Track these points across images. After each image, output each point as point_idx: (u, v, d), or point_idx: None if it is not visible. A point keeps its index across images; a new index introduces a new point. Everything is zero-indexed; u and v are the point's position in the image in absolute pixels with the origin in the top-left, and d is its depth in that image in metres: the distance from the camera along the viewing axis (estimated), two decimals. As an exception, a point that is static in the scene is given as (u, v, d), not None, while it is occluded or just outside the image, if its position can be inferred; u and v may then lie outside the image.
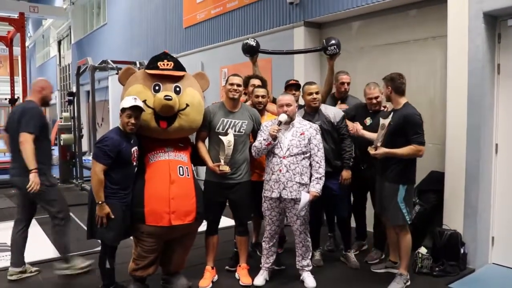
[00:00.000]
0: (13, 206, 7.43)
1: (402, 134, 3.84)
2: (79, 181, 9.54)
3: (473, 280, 4.23)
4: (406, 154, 3.83)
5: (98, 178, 3.49)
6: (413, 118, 3.83)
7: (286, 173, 3.89)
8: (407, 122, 3.82)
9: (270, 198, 3.98)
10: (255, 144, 3.97)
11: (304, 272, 4.15)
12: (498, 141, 4.55)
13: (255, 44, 5.03)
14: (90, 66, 9.11)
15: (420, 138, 3.81)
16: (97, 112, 9.73)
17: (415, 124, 3.82)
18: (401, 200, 3.91)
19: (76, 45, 18.86)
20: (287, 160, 3.90)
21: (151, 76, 3.77)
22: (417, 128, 3.82)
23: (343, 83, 4.80)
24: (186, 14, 9.52)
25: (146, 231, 3.65)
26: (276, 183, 3.91)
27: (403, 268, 4.05)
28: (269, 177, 3.97)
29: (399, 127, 3.84)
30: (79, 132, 9.67)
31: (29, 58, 25.16)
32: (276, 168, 3.91)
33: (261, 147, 3.91)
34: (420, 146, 3.80)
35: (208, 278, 4.11)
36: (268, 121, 4.12)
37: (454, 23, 4.50)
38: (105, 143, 3.52)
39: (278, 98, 4.04)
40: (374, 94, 4.45)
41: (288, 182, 3.89)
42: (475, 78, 4.35)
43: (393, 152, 3.85)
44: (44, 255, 4.92)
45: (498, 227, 4.57)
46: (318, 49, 5.00)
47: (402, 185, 3.91)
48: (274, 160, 3.94)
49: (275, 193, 3.93)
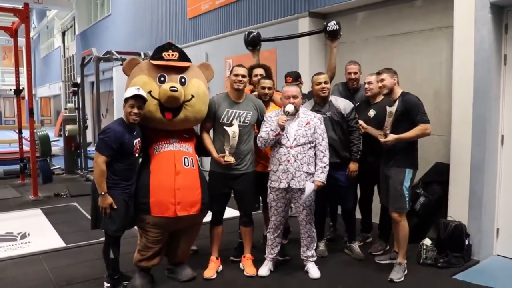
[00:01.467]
0: (18, 196, 7.51)
1: (406, 119, 3.91)
2: (83, 171, 9.58)
3: (477, 272, 4.23)
4: (415, 136, 3.93)
5: (100, 169, 3.49)
6: (414, 100, 3.95)
7: (294, 163, 3.89)
8: (409, 106, 3.91)
9: (277, 188, 3.98)
10: (261, 134, 3.96)
11: (308, 263, 4.16)
12: (504, 133, 4.53)
13: (256, 34, 5.00)
14: (95, 57, 9.10)
15: (424, 117, 3.91)
16: (102, 103, 9.76)
17: (416, 104, 3.93)
18: (406, 186, 3.97)
19: (80, 36, 18.86)
20: (294, 150, 3.90)
21: (156, 67, 3.76)
22: (419, 108, 3.92)
23: (349, 73, 4.77)
24: (191, 4, 9.49)
25: (151, 222, 3.67)
26: (284, 173, 3.91)
27: (402, 256, 4.07)
28: (276, 168, 3.96)
29: (403, 113, 3.91)
30: (83, 123, 9.69)
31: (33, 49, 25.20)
32: (284, 159, 3.91)
33: (268, 138, 3.90)
34: (426, 124, 3.90)
35: (212, 268, 4.13)
36: (271, 112, 4.12)
37: (460, 14, 4.45)
38: (107, 134, 3.52)
39: (283, 89, 4.02)
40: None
41: (296, 172, 3.89)
42: (481, 69, 4.32)
43: (403, 137, 3.91)
44: (50, 245, 4.95)
45: (503, 219, 4.56)
46: (319, 30, 4.97)
47: (408, 170, 3.98)
48: (281, 150, 3.93)
49: (283, 183, 3.92)
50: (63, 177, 9.66)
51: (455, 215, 4.49)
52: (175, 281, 3.98)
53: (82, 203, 6.78)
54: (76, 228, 5.60)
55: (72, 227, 5.66)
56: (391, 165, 4.04)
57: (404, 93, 4.01)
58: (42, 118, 31.03)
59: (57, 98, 27.75)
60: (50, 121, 30.54)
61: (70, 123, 10.03)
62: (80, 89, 9.82)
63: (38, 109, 31.40)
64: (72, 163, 10.13)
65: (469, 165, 4.41)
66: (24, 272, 4.25)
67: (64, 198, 7.48)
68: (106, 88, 12.38)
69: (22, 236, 5.31)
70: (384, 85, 4.05)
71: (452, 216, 4.51)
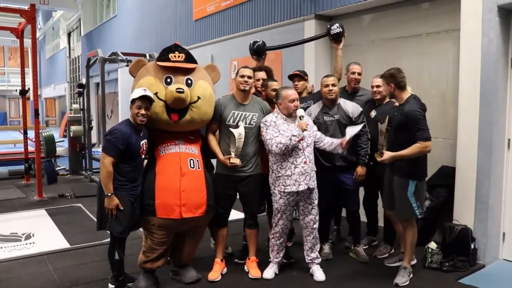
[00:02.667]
0: (23, 197, 7.53)
1: (406, 130, 3.77)
2: (88, 172, 9.59)
3: (483, 276, 4.20)
4: (413, 153, 3.72)
5: (107, 170, 3.49)
6: (413, 114, 3.71)
7: (310, 164, 3.93)
8: (408, 120, 3.73)
9: (295, 192, 3.93)
10: (281, 141, 3.81)
11: (313, 265, 4.15)
12: (510, 136, 4.50)
13: (261, 44, 5.00)
14: (100, 58, 9.12)
15: (424, 133, 3.70)
16: (107, 104, 9.76)
17: (415, 120, 3.69)
18: (411, 195, 3.87)
19: (86, 37, 18.90)
20: (307, 151, 3.93)
21: (162, 68, 3.76)
22: (419, 125, 3.69)
23: (353, 72, 4.72)
24: (196, 6, 9.49)
25: (156, 224, 3.67)
26: (302, 175, 3.89)
27: (407, 261, 4.05)
28: (291, 172, 3.90)
29: (402, 124, 3.78)
30: (88, 124, 9.70)
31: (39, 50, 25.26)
32: (299, 161, 3.89)
33: (291, 143, 3.81)
34: (426, 142, 3.70)
35: (217, 270, 4.12)
36: (269, 116, 4.04)
37: (467, 16, 4.44)
38: (114, 135, 3.52)
39: (286, 93, 3.95)
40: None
41: (312, 172, 3.95)
42: (488, 72, 4.30)
43: (400, 155, 3.77)
44: (54, 246, 4.96)
45: (509, 223, 4.54)
46: (323, 34, 4.96)
47: (411, 181, 3.86)
48: (294, 153, 3.90)
49: (303, 185, 3.90)
50: (67, 178, 9.68)
51: (461, 218, 4.47)
52: (179, 283, 3.97)
53: (87, 204, 6.79)
54: (81, 229, 5.60)
55: (77, 228, 5.67)
56: (393, 173, 3.98)
57: (408, 100, 3.84)
58: (47, 119, 31.17)
59: (62, 99, 27.82)
60: (55, 122, 30.65)
61: (75, 124, 10.05)
62: (85, 90, 9.84)
63: (43, 110, 31.50)
64: (76, 164, 10.16)
65: (475, 168, 4.39)
66: (29, 272, 4.25)
67: (69, 199, 7.50)
68: (111, 89, 12.43)
69: (27, 236, 5.32)
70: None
71: (457, 220, 4.49)
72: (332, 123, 4.29)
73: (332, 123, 4.30)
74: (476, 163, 4.38)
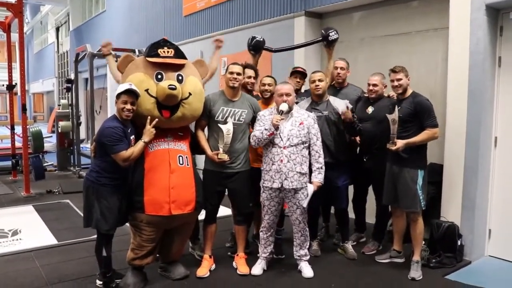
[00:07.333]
0: (10, 193, 7.46)
1: (414, 120, 3.97)
2: (76, 168, 9.53)
3: (469, 272, 4.25)
4: (424, 140, 4.00)
5: (133, 156, 3.51)
6: (426, 104, 4.00)
7: (287, 163, 3.87)
8: (421, 109, 3.97)
9: (270, 188, 3.97)
10: (254, 133, 3.93)
11: (301, 262, 4.16)
12: (497, 134, 4.54)
13: (262, 40, 4.98)
14: (89, 53, 9.06)
15: (434, 121, 3.98)
16: (95, 100, 9.70)
17: (428, 109, 3.98)
18: (419, 187, 4.01)
19: (74, 32, 18.74)
20: (287, 150, 3.88)
21: (152, 64, 3.72)
22: (431, 112, 3.99)
23: (336, 67, 4.73)
24: (186, 2, 9.45)
25: (145, 220, 3.65)
26: (277, 173, 3.90)
27: (418, 254, 4.13)
28: (269, 167, 3.94)
29: (411, 114, 3.98)
30: (77, 119, 9.65)
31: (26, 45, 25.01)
32: (277, 158, 3.89)
33: (262, 137, 3.87)
34: (435, 128, 3.97)
35: (205, 266, 4.12)
36: (265, 110, 4.10)
37: (456, 15, 4.47)
38: (114, 130, 3.44)
39: (277, 87, 4.02)
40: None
41: (289, 172, 3.87)
42: (476, 71, 4.33)
43: (413, 141, 3.96)
44: (41, 242, 4.92)
45: (495, 220, 4.58)
46: (319, 39, 4.96)
47: (420, 170, 4.02)
48: (274, 150, 3.92)
49: (276, 183, 3.91)
50: (55, 174, 9.61)
51: (448, 215, 4.51)
52: (168, 279, 3.96)
53: (75, 200, 6.75)
54: (68, 225, 5.57)
55: (64, 224, 5.63)
56: (403, 165, 4.05)
57: (414, 93, 4.07)
58: (35, 114, 30.86)
59: (50, 94, 27.59)
60: (43, 117, 30.34)
61: (63, 120, 9.99)
62: (74, 85, 9.77)
63: (31, 105, 31.19)
64: (65, 160, 10.10)
65: (463, 166, 4.43)
66: (16, 269, 4.22)
67: (57, 195, 7.45)
68: (100, 85, 12.32)
69: (14, 233, 5.28)
70: (400, 85, 4.06)
71: (445, 217, 4.53)
72: (320, 119, 4.28)
73: (320, 118, 4.28)
74: (463, 161, 4.42)
